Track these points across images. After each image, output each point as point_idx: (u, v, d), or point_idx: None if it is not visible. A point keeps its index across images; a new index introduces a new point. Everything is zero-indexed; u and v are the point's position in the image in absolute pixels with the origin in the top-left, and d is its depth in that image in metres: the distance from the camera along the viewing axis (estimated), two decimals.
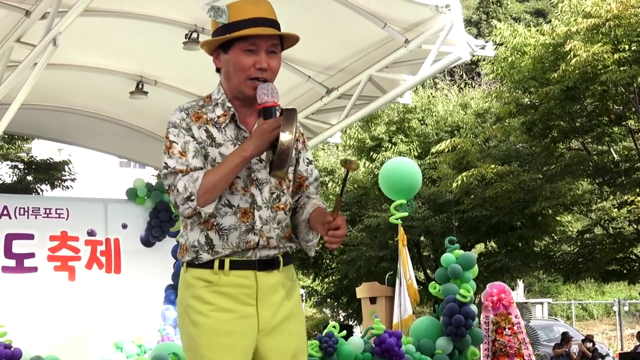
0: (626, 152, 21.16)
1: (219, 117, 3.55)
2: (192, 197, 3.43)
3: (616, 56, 18.89)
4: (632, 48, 18.95)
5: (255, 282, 3.51)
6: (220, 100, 3.58)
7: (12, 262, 11.93)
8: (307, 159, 3.75)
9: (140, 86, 12.89)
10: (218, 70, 3.65)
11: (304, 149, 3.75)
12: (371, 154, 24.76)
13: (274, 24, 3.56)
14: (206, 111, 3.56)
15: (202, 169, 3.48)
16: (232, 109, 3.56)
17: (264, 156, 3.54)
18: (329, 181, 26.18)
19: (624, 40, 19.09)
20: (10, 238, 11.96)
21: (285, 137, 3.33)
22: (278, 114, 3.48)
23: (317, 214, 3.59)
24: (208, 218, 3.50)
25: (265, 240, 3.53)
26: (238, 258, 3.53)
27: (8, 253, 11.92)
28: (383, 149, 24.39)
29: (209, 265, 3.53)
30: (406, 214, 12.44)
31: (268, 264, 3.56)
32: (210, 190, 3.41)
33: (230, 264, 3.52)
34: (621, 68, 18.83)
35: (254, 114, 3.58)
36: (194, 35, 11.27)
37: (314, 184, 3.78)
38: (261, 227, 3.51)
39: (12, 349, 9.66)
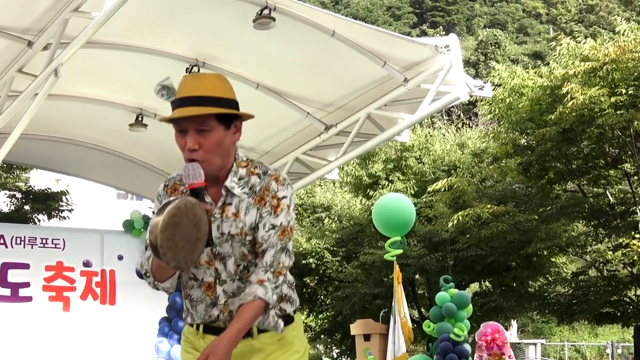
0: (622, 195, 21.16)
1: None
2: (148, 274, 3.52)
3: (613, 99, 18.91)
4: (629, 92, 18.96)
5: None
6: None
7: (7, 291, 11.93)
8: (272, 224, 3.52)
9: (140, 118, 12.91)
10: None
11: (273, 213, 3.53)
12: (368, 191, 24.78)
13: (203, 101, 3.44)
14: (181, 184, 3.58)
15: None
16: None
17: (247, 203, 3.53)
18: (325, 217, 26.22)
19: (621, 84, 19.11)
20: (5, 267, 11.96)
21: (152, 220, 3.29)
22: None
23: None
24: (184, 288, 3.60)
25: (227, 315, 3.50)
26: (209, 324, 3.59)
27: (3, 282, 11.93)
28: (380, 186, 24.41)
29: (192, 325, 3.66)
30: (401, 251, 12.45)
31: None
32: (159, 268, 3.44)
33: (203, 328, 3.59)
34: (618, 112, 18.84)
35: (216, 187, 3.54)
36: (195, 69, 11.31)
37: (270, 251, 3.51)
38: (225, 300, 3.50)
39: None
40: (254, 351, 3.54)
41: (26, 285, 12.03)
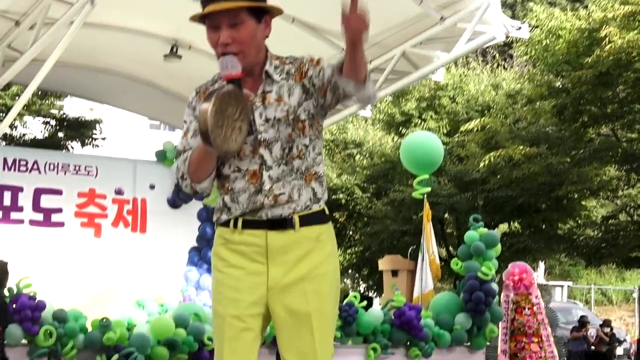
0: None
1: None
2: (185, 176, 3.57)
3: None
4: None
5: (265, 240, 3.56)
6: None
7: (39, 216, 12.03)
8: (316, 73, 3.61)
9: (174, 50, 12.92)
10: None
11: (313, 67, 3.64)
12: (400, 129, 24.76)
13: None
14: (215, 84, 3.62)
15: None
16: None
17: (289, 85, 3.63)
18: (356, 154, 26.19)
19: None
20: (38, 192, 12.05)
21: (205, 120, 3.35)
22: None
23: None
24: (224, 182, 3.60)
25: (271, 200, 3.55)
26: (250, 218, 3.58)
27: (36, 207, 12.02)
28: (412, 124, 24.38)
29: (226, 224, 3.62)
30: (429, 189, 12.48)
31: (279, 224, 3.58)
32: (196, 170, 3.54)
33: (242, 223, 3.58)
34: None
35: (252, 79, 3.62)
36: None
37: (330, 67, 3.60)
38: (270, 186, 3.54)
39: (37, 300, 9.78)
40: (294, 244, 3.58)
41: (59, 210, 12.12)
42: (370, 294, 24.87)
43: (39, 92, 20.57)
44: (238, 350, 3.53)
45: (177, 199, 12.62)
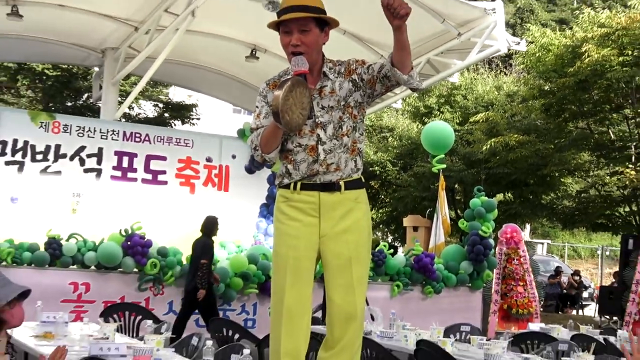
0: (621, 134, 20.82)
1: None
2: (257, 148, 3.57)
3: (621, 59, 18.52)
4: (634, 54, 18.57)
5: (318, 199, 3.57)
6: (290, 69, 3.63)
7: (149, 176, 12.14)
8: (365, 70, 3.66)
9: (253, 52, 12.91)
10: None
11: (361, 66, 3.69)
12: (423, 118, 24.67)
13: (305, 8, 3.52)
14: (280, 82, 3.59)
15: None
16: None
17: (341, 78, 3.65)
18: (389, 136, 26.18)
19: (628, 47, 18.70)
20: (149, 158, 12.14)
21: (275, 103, 3.36)
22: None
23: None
24: (287, 154, 3.58)
25: (325, 167, 3.54)
26: (306, 182, 3.58)
27: (147, 169, 12.12)
28: (433, 115, 24.25)
29: (287, 186, 3.62)
30: (444, 165, 12.44)
31: (329, 187, 3.58)
32: (268, 141, 3.53)
33: (300, 186, 3.58)
34: (624, 68, 18.44)
35: (312, 76, 3.61)
36: None
37: (377, 64, 3.68)
38: (325, 156, 3.54)
39: (145, 239, 9.88)
40: (339, 203, 3.59)
41: (163, 172, 12.21)
42: (396, 244, 24.73)
43: (151, 82, 20.65)
44: (297, 282, 3.52)
45: (252, 167, 12.64)
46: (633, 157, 19.89)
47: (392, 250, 11.70)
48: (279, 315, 3.52)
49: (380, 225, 27.25)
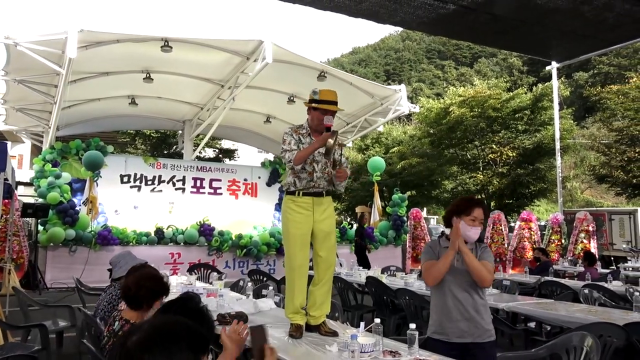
0: (474, 155, 20.91)
1: (303, 133, 3.50)
2: (291, 161, 3.43)
3: (471, 114, 18.62)
4: (479, 110, 18.67)
5: (312, 201, 3.48)
6: (305, 126, 3.54)
7: (212, 190, 12.01)
8: (341, 155, 3.61)
9: (268, 119, 12.80)
10: (309, 113, 3.60)
11: (341, 149, 3.62)
12: (363, 151, 24.63)
13: (336, 103, 3.48)
14: (299, 130, 3.53)
15: (297, 150, 3.46)
16: (309, 130, 3.51)
17: (322, 149, 3.51)
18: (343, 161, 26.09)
19: (476, 107, 18.80)
20: (211, 180, 12.01)
21: (330, 141, 3.32)
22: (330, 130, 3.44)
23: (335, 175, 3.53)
24: (296, 172, 3.50)
25: (317, 185, 3.48)
26: (305, 191, 3.50)
27: (210, 187, 11.99)
28: (369, 149, 24.24)
29: (293, 193, 3.51)
30: (378, 178, 12.34)
31: (318, 194, 3.51)
32: (299, 159, 3.41)
33: (302, 193, 3.50)
34: (473, 119, 18.53)
35: (317, 135, 3.52)
36: (292, 98, 11.18)
37: (343, 165, 3.59)
38: (316, 180, 3.46)
39: (211, 226, 9.73)
40: (323, 203, 3.50)
41: (220, 188, 12.11)
42: (352, 222, 24.68)
43: (211, 138, 20.52)
44: (303, 248, 3.45)
45: (269, 183, 12.56)
46: (481, 168, 19.99)
47: (350, 226, 11.62)
48: (293, 270, 3.42)
49: (342, 212, 27.13)
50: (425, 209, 31.55)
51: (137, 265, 3.11)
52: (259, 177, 12.72)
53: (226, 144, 29.14)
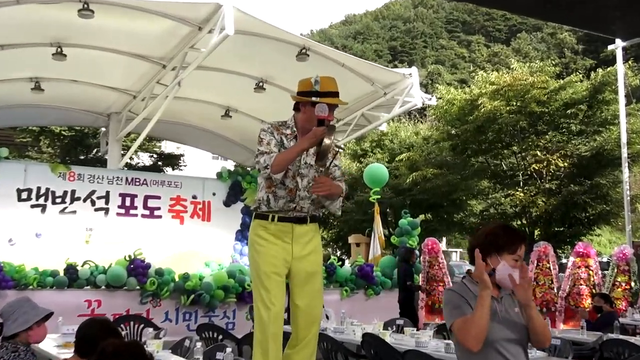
0: (511, 165, 21.23)
1: (288, 134, 3.54)
2: (268, 167, 3.49)
3: (508, 108, 18.92)
4: (518, 104, 19.00)
5: (291, 229, 3.53)
6: (291, 126, 3.60)
7: (147, 212, 11.96)
8: (336, 165, 3.73)
9: (227, 112, 12.85)
10: (296, 109, 3.65)
11: (336, 159, 3.75)
12: (360, 159, 24.80)
13: (338, 94, 3.69)
14: (281, 128, 3.58)
15: (277, 154, 3.53)
16: (296, 132, 3.56)
17: (313, 151, 3.59)
18: None
19: (513, 99, 19.12)
20: (146, 198, 11.98)
21: (326, 141, 3.38)
22: (326, 125, 3.54)
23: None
24: (271, 185, 3.52)
25: (299, 208, 3.50)
26: (282, 215, 3.55)
27: (145, 206, 11.95)
28: (368, 156, 24.42)
29: (265, 217, 3.56)
30: (379, 196, 12.46)
31: (300, 220, 3.57)
32: (279, 164, 3.48)
33: (277, 218, 3.55)
34: (510, 115, 18.83)
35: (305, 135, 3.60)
36: (261, 83, 11.24)
37: (337, 179, 3.74)
38: (298, 200, 3.49)
39: (145, 262, 9.69)
40: (306, 232, 3.58)
41: (158, 208, 12.05)
42: (343, 258, 24.69)
43: (147, 138, 20.48)
44: (279, 293, 3.50)
45: (228, 201, 12.58)
46: (521, 183, 20.26)
47: (340, 263, 11.64)
48: (264, 325, 3.43)
49: (330, 243, 27.19)
50: (444, 239, 31.89)
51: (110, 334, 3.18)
52: (214, 194, 12.67)
53: (169, 146, 29.11)
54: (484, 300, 2.73)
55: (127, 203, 11.78)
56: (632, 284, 12.00)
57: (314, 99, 3.55)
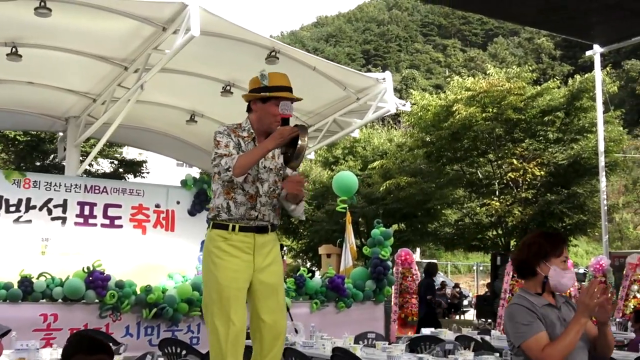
0: (487, 174, 21.35)
1: (245, 137, 3.55)
2: (230, 169, 3.44)
3: (484, 115, 19.06)
4: (494, 111, 19.15)
5: (253, 240, 3.51)
6: (247, 127, 3.61)
7: (107, 221, 11.86)
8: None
9: (193, 117, 12.81)
10: (249, 110, 3.66)
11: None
12: (332, 166, 24.86)
13: (292, 90, 3.68)
14: (237, 131, 3.58)
15: (237, 155, 3.52)
16: (253, 134, 3.56)
17: (278, 154, 3.63)
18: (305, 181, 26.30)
19: (489, 105, 19.27)
20: (106, 206, 11.88)
21: (302, 141, 3.40)
22: (292, 124, 3.58)
23: (284, 183, 3.66)
24: (229, 191, 3.50)
25: (261, 216, 3.50)
26: (244, 224, 3.52)
27: (105, 216, 11.85)
28: (339, 163, 24.48)
29: (225, 226, 3.52)
30: (346, 206, 12.43)
31: (262, 229, 3.56)
32: (242, 166, 3.44)
33: (238, 228, 3.52)
34: (486, 122, 18.99)
35: (264, 138, 3.59)
36: (228, 87, 11.23)
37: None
38: (259, 207, 3.49)
39: (105, 274, 9.59)
40: (267, 243, 3.57)
41: (119, 218, 11.94)
42: (313, 269, 24.70)
43: (107, 143, 20.32)
44: (240, 309, 3.46)
45: (193, 210, 12.52)
46: (497, 192, 20.45)
47: (310, 274, 11.64)
48: (222, 343, 3.39)
49: (300, 254, 27.14)
50: (418, 249, 32.08)
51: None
52: (178, 203, 12.60)
53: (130, 153, 28.85)
54: (581, 326, 2.81)
55: (86, 212, 11.65)
56: (609, 295, 12.20)
57: (263, 94, 3.58)
